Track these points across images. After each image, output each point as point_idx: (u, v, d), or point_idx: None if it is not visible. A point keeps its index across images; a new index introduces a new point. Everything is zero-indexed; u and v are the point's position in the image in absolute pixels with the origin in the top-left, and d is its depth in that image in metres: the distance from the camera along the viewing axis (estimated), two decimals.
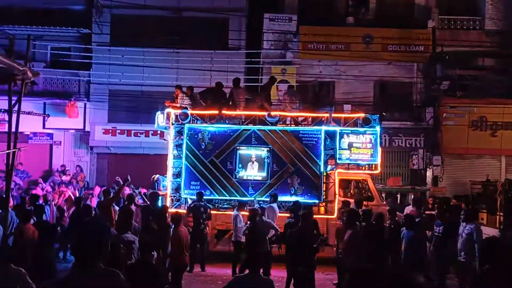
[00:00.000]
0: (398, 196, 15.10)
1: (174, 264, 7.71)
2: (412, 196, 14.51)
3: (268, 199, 11.15)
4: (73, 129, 19.77)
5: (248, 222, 9.22)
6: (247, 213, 9.76)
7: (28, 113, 17.54)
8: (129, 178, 10.46)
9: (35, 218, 7.64)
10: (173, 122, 11.77)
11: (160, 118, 12.08)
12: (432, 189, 16.17)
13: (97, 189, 14.10)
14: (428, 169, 17.84)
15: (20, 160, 18.73)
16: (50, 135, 19.83)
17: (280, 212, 10.65)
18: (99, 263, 2.85)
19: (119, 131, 19.96)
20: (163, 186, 12.55)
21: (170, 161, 11.86)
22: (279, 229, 9.71)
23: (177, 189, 11.71)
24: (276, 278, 9.37)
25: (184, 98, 11.95)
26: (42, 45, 19.10)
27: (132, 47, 18.87)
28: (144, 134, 20.05)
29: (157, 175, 12.94)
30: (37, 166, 19.80)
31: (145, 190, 13.23)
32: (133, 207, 9.22)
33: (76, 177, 18.99)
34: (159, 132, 19.93)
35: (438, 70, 17.37)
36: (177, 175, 11.76)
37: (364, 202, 11.09)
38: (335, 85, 19.11)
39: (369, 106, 18.13)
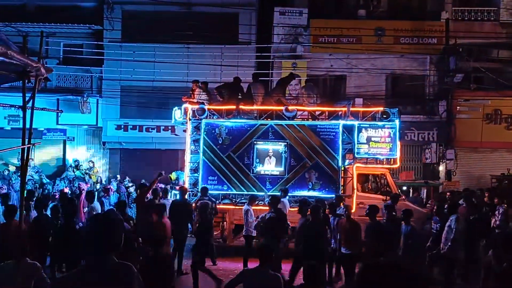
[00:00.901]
0: (411, 190, 15.00)
1: None
2: (425, 190, 14.43)
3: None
4: (85, 124, 19.87)
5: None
6: (258, 208, 9.76)
7: (42, 109, 17.43)
8: (163, 173, 10.59)
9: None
10: (191, 118, 11.77)
11: (177, 113, 12.07)
12: (445, 184, 16.06)
13: (112, 185, 14.07)
14: (441, 163, 17.71)
15: (34, 156, 19.01)
16: (64, 131, 19.97)
17: (292, 208, 10.60)
18: (111, 256, 2.86)
19: (131, 126, 20.07)
20: (181, 181, 12.51)
21: (187, 156, 11.92)
22: (290, 224, 9.65)
23: (194, 184, 11.75)
24: (287, 273, 9.40)
25: (201, 93, 11.89)
26: (54, 42, 19.19)
27: (143, 43, 18.96)
28: (155, 129, 20.16)
29: (175, 172, 12.87)
30: (51, 162, 20.09)
31: (162, 185, 13.25)
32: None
33: (89, 172, 19.06)
34: (170, 127, 20.15)
35: (451, 62, 17.19)
36: (195, 170, 11.82)
37: (383, 197, 11.05)
38: (347, 78, 18.97)
39: (381, 99, 18.02)
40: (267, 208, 9.55)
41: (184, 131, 19.11)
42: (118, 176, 16.57)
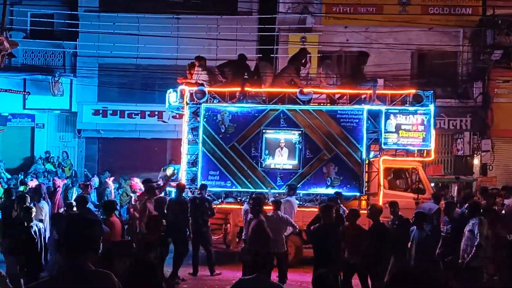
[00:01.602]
0: (439, 187, 14.95)
1: None
2: (456, 187, 14.41)
3: (301, 192, 11.18)
4: (58, 109, 19.71)
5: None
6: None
7: (6, 90, 17.57)
8: (175, 171, 10.99)
9: None
10: (188, 101, 11.68)
11: (172, 96, 11.96)
12: (480, 179, 16.05)
13: (95, 181, 13.94)
14: (475, 155, 17.70)
15: None
16: (32, 117, 19.78)
17: (300, 207, 10.66)
18: (88, 262, 2.92)
19: (110, 111, 19.98)
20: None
21: (184, 147, 11.83)
22: (297, 226, 9.69)
23: (193, 180, 11.68)
24: (294, 283, 9.43)
25: (200, 73, 11.73)
26: (20, 12, 18.91)
27: (125, 13, 18.70)
28: (139, 115, 20.13)
29: (173, 166, 12.83)
30: (16, 153, 19.89)
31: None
32: None
33: (63, 165, 18.94)
34: (157, 112, 20.05)
35: (488, 37, 17.12)
36: (193, 163, 11.73)
37: (414, 195, 11.02)
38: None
39: (406, 80, 17.95)
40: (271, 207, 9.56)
41: (175, 117, 19.57)
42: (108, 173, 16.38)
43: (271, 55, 18.63)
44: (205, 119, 11.64)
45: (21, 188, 13.70)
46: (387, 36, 18.53)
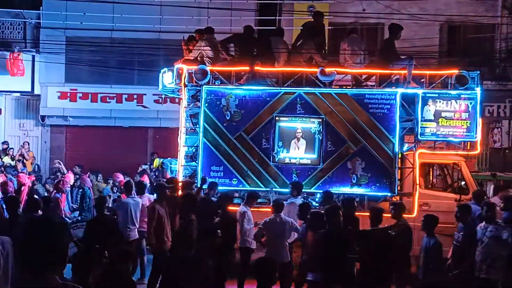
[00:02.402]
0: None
1: None
2: (492, 186, 14.46)
3: (320, 191, 11.06)
4: (17, 91, 19.81)
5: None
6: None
7: None
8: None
9: None
10: (186, 83, 11.53)
11: (167, 77, 11.79)
12: None
13: (70, 177, 13.76)
14: None
15: None
16: None
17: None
18: (53, 273, 2.93)
19: (80, 94, 20.01)
20: (172, 172, 12.37)
21: (182, 138, 11.73)
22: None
23: (192, 177, 11.57)
24: None
25: (203, 48, 11.59)
26: None
27: None
28: (115, 99, 20.21)
29: (159, 159, 12.78)
30: None
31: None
32: None
33: (23, 158, 18.73)
34: (135, 96, 19.94)
35: None
36: (192, 157, 11.65)
37: (455, 196, 11.05)
38: (385, 28, 18.78)
39: (433, 58, 17.96)
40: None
41: (158, 101, 19.53)
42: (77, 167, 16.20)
43: (273, 27, 18.52)
44: (206, 104, 11.52)
45: None
46: (411, 5, 18.54)
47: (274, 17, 19.03)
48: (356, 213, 9.76)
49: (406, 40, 18.44)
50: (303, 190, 10.87)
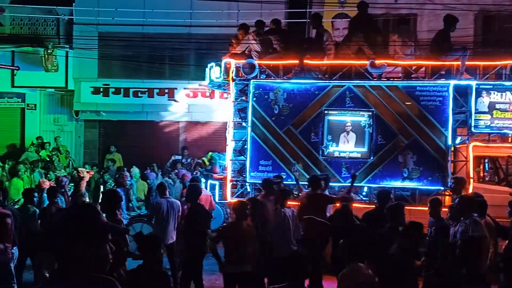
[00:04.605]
0: None
1: None
2: None
3: (370, 185, 10.77)
4: (51, 87, 19.36)
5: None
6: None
7: None
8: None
9: None
10: (234, 77, 11.24)
11: (215, 71, 11.33)
12: None
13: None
14: None
15: None
16: (22, 96, 19.48)
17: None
18: (89, 267, 2.81)
19: (112, 89, 19.61)
20: (221, 167, 11.95)
21: (230, 132, 11.51)
22: None
23: (240, 171, 11.38)
24: None
25: (251, 41, 11.06)
26: None
27: None
28: (147, 93, 19.86)
29: (210, 152, 12.33)
30: (4, 138, 19.58)
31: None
32: None
33: (57, 152, 18.32)
34: (167, 90, 19.48)
35: None
36: (241, 151, 11.43)
37: (510, 190, 10.42)
38: (417, 19, 18.16)
39: (468, 49, 17.24)
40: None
41: (188, 95, 19.02)
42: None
43: (303, 20, 17.96)
44: (254, 98, 11.25)
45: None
46: None
47: (304, 9, 18.42)
48: (407, 207, 9.12)
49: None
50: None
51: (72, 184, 11.71)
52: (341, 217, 8.05)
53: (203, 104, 19.06)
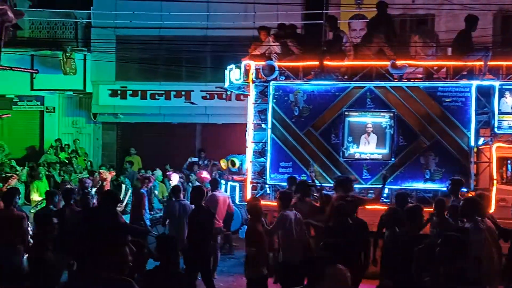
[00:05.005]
0: None
1: None
2: None
3: (392, 187, 10.42)
4: (70, 90, 19.50)
5: None
6: None
7: (10, 68, 16.99)
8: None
9: None
10: (254, 79, 11.12)
11: (234, 73, 11.21)
12: None
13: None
14: None
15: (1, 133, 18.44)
16: (41, 99, 19.63)
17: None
18: (109, 268, 2.83)
19: (130, 92, 19.69)
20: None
21: (250, 134, 11.34)
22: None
23: (260, 173, 11.24)
24: None
25: (272, 43, 10.94)
26: None
27: None
28: (164, 95, 19.87)
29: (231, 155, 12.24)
30: (23, 141, 19.72)
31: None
32: None
33: (76, 154, 18.36)
34: (184, 93, 19.43)
35: None
36: (261, 153, 11.28)
37: None
38: (435, 19, 17.94)
39: (486, 48, 16.97)
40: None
41: (205, 98, 18.91)
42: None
43: (319, 21, 17.79)
44: (274, 100, 11.09)
45: None
46: None
47: (320, 11, 18.24)
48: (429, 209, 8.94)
49: (456, 31, 17.62)
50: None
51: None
52: (336, 217, 7.79)
53: (220, 106, 19.02)
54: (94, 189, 10.87)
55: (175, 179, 13.35)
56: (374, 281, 7.69)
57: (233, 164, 12.05)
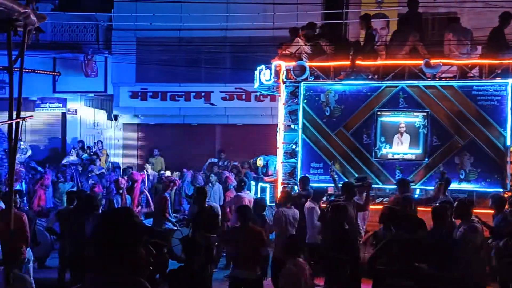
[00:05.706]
0: None
1: None
2: None
3: (427, 187, 10.21)
4: (91, 92, 19.42)
5: None
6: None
7: (33, 71, 16.82)
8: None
9: None
10: (284, 80, 10.89)
11: (265, 74, 10.99)
12: None
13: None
14: None
15: (24, 135, 18.27)
16: (63, 101, 19.49)
17: None
18: (123, 269, 2.77)
19: (150, 93, 19.48)
20: (273, 169, 11.61)
21: (281, 134, 11.17)
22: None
23: (291, 174, 10.99)
24: None
25: (301, 44, 10.68)
26: None
27: None
28: (184, 97, 19.63)
29: (262, 157, 12.00)
30: (46, 142, 19.66)
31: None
32: None
33: (97, 156, 18.16)
34: (203, 94, 19.21)
35: None
36: (291, 153, 10.99)
37: None
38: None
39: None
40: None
41: (225, 99, 18.71)
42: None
43: (339, 21, 17.49)
44: (305, 100, 10.87)
45: None
46: None
47: (340, 10, 17.95)
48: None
49: (479, 29, 17.21)
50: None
51: None
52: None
53: (240, 107, 18.79)
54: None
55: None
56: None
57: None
